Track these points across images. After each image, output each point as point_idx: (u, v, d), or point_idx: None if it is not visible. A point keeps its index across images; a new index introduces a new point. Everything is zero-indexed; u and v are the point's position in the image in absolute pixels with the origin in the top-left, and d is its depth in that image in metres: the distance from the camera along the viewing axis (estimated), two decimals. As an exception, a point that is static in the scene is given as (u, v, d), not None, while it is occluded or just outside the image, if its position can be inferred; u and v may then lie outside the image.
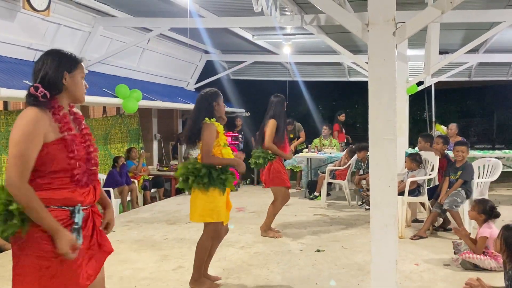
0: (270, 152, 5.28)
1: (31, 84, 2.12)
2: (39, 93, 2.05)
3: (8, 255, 4.86)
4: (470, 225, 5.04)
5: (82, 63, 2.22)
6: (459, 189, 5.15)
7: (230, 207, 3.78)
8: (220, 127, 3.68)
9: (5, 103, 7.07)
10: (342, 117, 10.08)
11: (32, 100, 2.07)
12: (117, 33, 7.52)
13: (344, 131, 10.07)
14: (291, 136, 9.37)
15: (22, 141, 1.98)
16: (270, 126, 5.22)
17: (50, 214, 1.99)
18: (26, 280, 2.04)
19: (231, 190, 3.81)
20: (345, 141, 9.93)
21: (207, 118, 3.62)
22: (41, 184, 2.04)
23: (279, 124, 5.27)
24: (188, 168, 3.59)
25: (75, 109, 2.29)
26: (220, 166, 3.59)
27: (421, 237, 5.15)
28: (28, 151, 1.98)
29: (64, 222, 2.05)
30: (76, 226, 2.07)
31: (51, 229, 1.98)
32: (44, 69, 2.10)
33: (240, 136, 10.21)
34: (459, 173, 5.20)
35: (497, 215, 4.18)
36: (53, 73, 2.10)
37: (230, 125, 10.20)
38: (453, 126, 8.58)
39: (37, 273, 2.02)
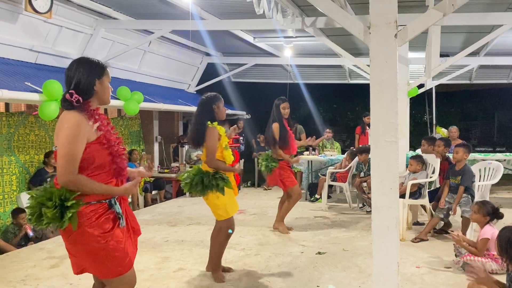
0: (275, 158, 5.51)
1: (66, 90, 2.36)
2: (74, 99, 2.30)
3: (9, 256, 4.87)
4: (471, 228, 5.03)
5: (108, 69, 2.48)
6: (465, 194, 5.13)
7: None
8: (222, 130, 3.81)
9: (7, 105, 7.09)
10: (367, 119, 9.82)
11: (67, 104, 2.33)
12: (118, 36, 7.54)
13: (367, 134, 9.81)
14: None
15: (69, 142, 2.24)
16: (275, 129, 5.47)
17: (105, 186, 2.34)
18: (93, 259, 2.34)
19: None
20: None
21: (209, 122, 3.75)
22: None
23: (280, 128, 5.45)
24: (187, 176, 3.90)
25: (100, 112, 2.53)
26: (212, 173, 3.80)
27: (422, 240, 5.15)
28: (75, 151, 2.25)
29: (104, 213, 2.34)
30: (119, 216, 2.38)
31: (113, 194, 2.38)
32: (77, 76, 2.35)
33: (241, 138, 10.22)
34: (458, 178, 5.18)
35: (501, 216, 4.18)
36: (86, 80, 2.35)
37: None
38: (455, 129, 8.59)
39: (96, 254, 2.31)
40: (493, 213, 4.16)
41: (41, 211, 2.25)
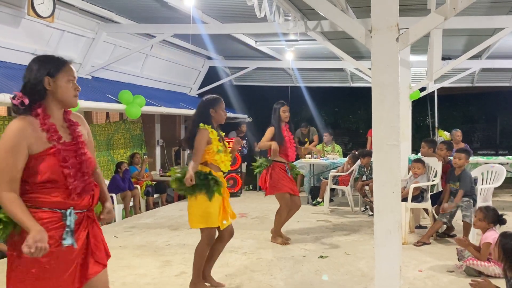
0: (265, 159, 5.28)
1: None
2: (16, 101, 2.02)
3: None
4: (474, 231, 5.01)
5: (69, 65, 2.14)
6: (467, 198, 5.11)
7: (233, 216, 3.80)
8: (214, 133, 3.70)
9: (9, 109, 7.10)
10: None
11: (16, 109, 2.05)
12: (120, 39, 7.57)
13: None
14: (306, 140, 9.37)
15: (3, 157, 1.96)
16: (266, 133, 5.27)
17: (29, 217, 1.96)
18: (15, 280, 2.03)
19: (233, 196, 3.80)
20: None
21: (201, 124, 3.67)
22: (33, 189, 2.03)
23: (276, 131, 5.25)
24: (177, 177, 3.67)
25: (72, 116, 2.22)
26: (204, 172, 3.61)
27: (424, 243, 5.13)
28: (6, 163, 1.95)
29: (54, 223, 2.03)
30: (68, 229, 2.04)
31: (27, 228, 1.93)
32: (27, 75, 2.07)
33: (244, 142, 10.23)
34: (457, 183, 5.17)
35: (504, 222, 4.17)
36: (33, 79, 2.04)
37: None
38: (459, 132, 8.53)
39: (26, 273, 2.00)
40: (497, 220, 4.14)
41: None
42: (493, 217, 4.15)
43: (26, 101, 2.02)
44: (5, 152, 1.96)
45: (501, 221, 4.16)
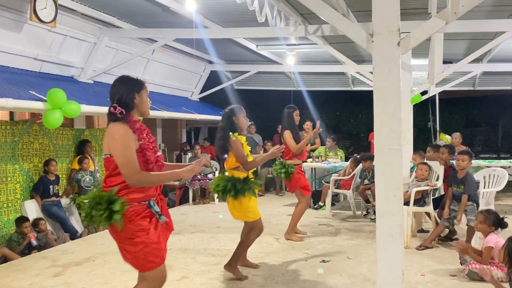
0: (289, 164, 5.57)
1: (109, 104, 2.66)
2: (117, 111, 2.59)
3: (13, 265, 4.87)
4: (476, 235, 5.00)
5: (146, 85, 2.77)
6: (470, 203, 5.10)
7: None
8: (243, 139, 4.16)
9: (11, 113, 7.12)
10: None
11: (113, 117, 2.62)
12: (122, 44, 7.60)
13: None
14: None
15: (124, 149, 2.54)
16: (288, 137, 5.56)
17: (170, 173, 2.72)
18: (133, 252, 2.62)
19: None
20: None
21: (231, 133, 4.12)
22: (126, 185, 2.57)
23: (293, 134, 5.56)
24: (218, 184, 4.15)
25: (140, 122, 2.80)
26: (242, 178, 4.09)
27: (426, 247, 5.12)
28: (131, 155, 2.55)
29: (143, 213, 2.61)
30: (158, 213, 2.65)
31: (180, 176, 2.78)
32: (119, 92, 2.66)
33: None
34: (462, 186, 5.14)
35: (505, 226, 4.16)
36: (126, 95, 2.65)
37: None
38: (457, 135, 8.57)
39: (136, 247, 2.60)
40: (498, 223, 4.13)
41: (92, 214, 2.56)
42: (494, 220, 4.14)
43: (124, 112, 2.62)
44: (123, 146, 2.54)
45: (502, 224, 4.15)
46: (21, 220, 5.71)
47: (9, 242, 5.60)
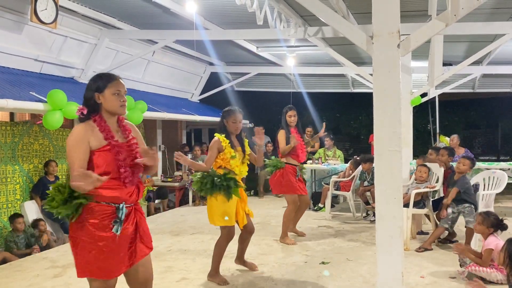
0: (281, 160, 5.56)
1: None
2: (78, 113, 2.56)
3: (12, 265, 4.87)
4: (476, 238, 5.00)
5: (115, 81, 2.61)
6: (468, 204, 5.10)
7: (251, 215, 4.29)
8: (226, 142, 4.05)
9: (11, 114, 7.13)
10: None
11: (80, 118, 2.59)
12: (122, 45, 7.61)
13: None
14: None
15: (69, 151, 2.47)
16: (280, 136, 5.57)
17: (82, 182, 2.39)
18: (80, 256, 2.49)
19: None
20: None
21: (216, 134, 4.12)
22: None
23: (286, 135, 5.53)
24: (198, 178, 4.05)
25: (126, 122, 2.72)
26: (221, 174, 3.98)
27: (426, 249, 5.12)
28: (75, 157, 2.44)
29: (110, 215, 2.49)
30: (117, 220, 2.50)
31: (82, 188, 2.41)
32: (85, 92, 2.59)
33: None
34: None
35: (505, 227, 4.16)
36: (87, 96, 2.59)
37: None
38: (455, 137, 8.61)
39: (88, 252, 2.46)
40: (497, 225, 4.13)
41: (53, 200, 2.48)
42: (493, 222, 4.13)
43: (85, 112, 2.56)
44: (72, 146, 2.46)
45: (501, 226, 4.15)
46: (14, 216, 5.70)
47: (7, 243, 5.57)
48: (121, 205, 2.51)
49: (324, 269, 4.54)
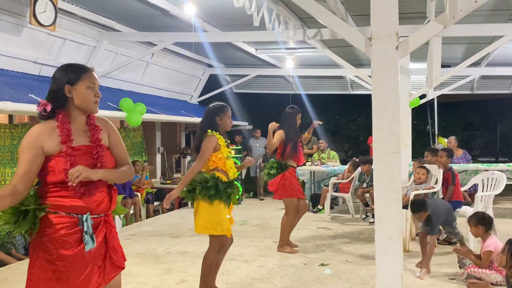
0: (284, 163, 5.23)
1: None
2: (39, 109, 2.18)
3: (11, 268, 4.86)
4: (475, 240, 5.00)
5: (90, 73, 2.23)
6: (448, 228, 5.03)
7: (232, 222, 3.79)
8: (222, 140, 3.71)
9: (10, 117, 7.12)
10: None
11: (40, 115, 2.20)
12: (121, 48, 7.60)
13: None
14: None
15: (20, 155, 2.11)
16: (276, 136, 5.18)
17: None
18: (35, 279, 2.11)
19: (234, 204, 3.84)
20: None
21: (209, 130, 3.69)
22: (51, 191, 2.13)
23: (287, 136, 5.22)
24: (195, 179, 3.60)
25: (97, 120, 2.31)
26: (227, 180, 3.63)
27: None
28: (25, 160, 2.08)
29: (71, 228, 2.11)
30: (87, 234, 2.11)
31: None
32: (51, 84, 2.20)
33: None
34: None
35: (489, 220, 4.16)
36: (55, 88, 2.18)
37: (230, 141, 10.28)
38: (452, 139, 8.65)
39: (45, 274, 2.09)
40: (482, 220, 4.13)
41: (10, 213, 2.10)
42: (476, 220, 4.14)
43: (49, 108, 2.17)
44: (22, 150, 2.11)
45: (484, 219, 4.14)
46: None
47: (4, 245, 5.54)
48: (85, 216, 2.11)
49: (327, 269, 4.54)
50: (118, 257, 2.26)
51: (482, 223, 4.13)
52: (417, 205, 4.52)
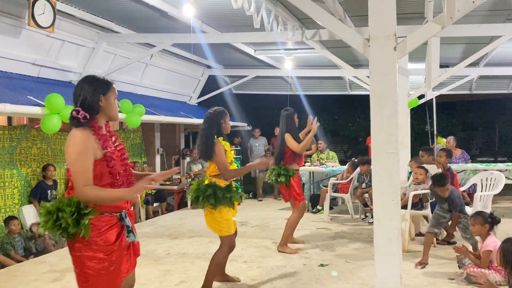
0: (292, 169, 5.27)
1: (73, 108, 2.42)
2: (80, 116, 2.36)
3: (10, 270, 4.86)
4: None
5: (114, 86, 2.54)
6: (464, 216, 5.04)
7: (234, 224, 3.92)
8: (227, 145, 3.83)
9: (9, 119, 7.12)
10: None
11: (75, 122, 2.37)
12: (120, 49, 7.61)
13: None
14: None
15: (76, 159, 2.30)
16: (289, 139, 5.23)
17: (119, 191, 2.38)
18: (94, 271, 2.34)
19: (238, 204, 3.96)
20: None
21: (215, 137, 3.78)
22: None
23: (294, 137, 5.28)
24: (197, 188, 3.78)
25: (109, 127, 2.58)
26: (224, 186, 3.73)
27: (426, 264, 4.93)
28: (84, 166, 2.30)
29: (112, 226, 2.40)
30: (128, 230, 2.46)
31: (122, 197, 2.40)
32: (83, 94, 2.41)
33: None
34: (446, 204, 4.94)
35: (498, 220, 4.17)
36: (91, 97, 2.41)
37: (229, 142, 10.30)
38: (451, 139, 8.68)
39: (101, 264, 2.35)
40: (490, 220, 4.14)
41: (58, 217, 2.31)
42: (483, 218, 4.14)
43: (88, 116, 2.38)
44: (76, 155, 2.30)
45: (493, 219, 4.15)
46: (9, 218, 5.68)
47: (3, 246, 5.54)
48: (123, 213, 2.47)
49: (325, 270, 4.54)
50: (136, 246, 2.57)
51: (490, 222, 4.13)
52: (442, 178, 4.72)
